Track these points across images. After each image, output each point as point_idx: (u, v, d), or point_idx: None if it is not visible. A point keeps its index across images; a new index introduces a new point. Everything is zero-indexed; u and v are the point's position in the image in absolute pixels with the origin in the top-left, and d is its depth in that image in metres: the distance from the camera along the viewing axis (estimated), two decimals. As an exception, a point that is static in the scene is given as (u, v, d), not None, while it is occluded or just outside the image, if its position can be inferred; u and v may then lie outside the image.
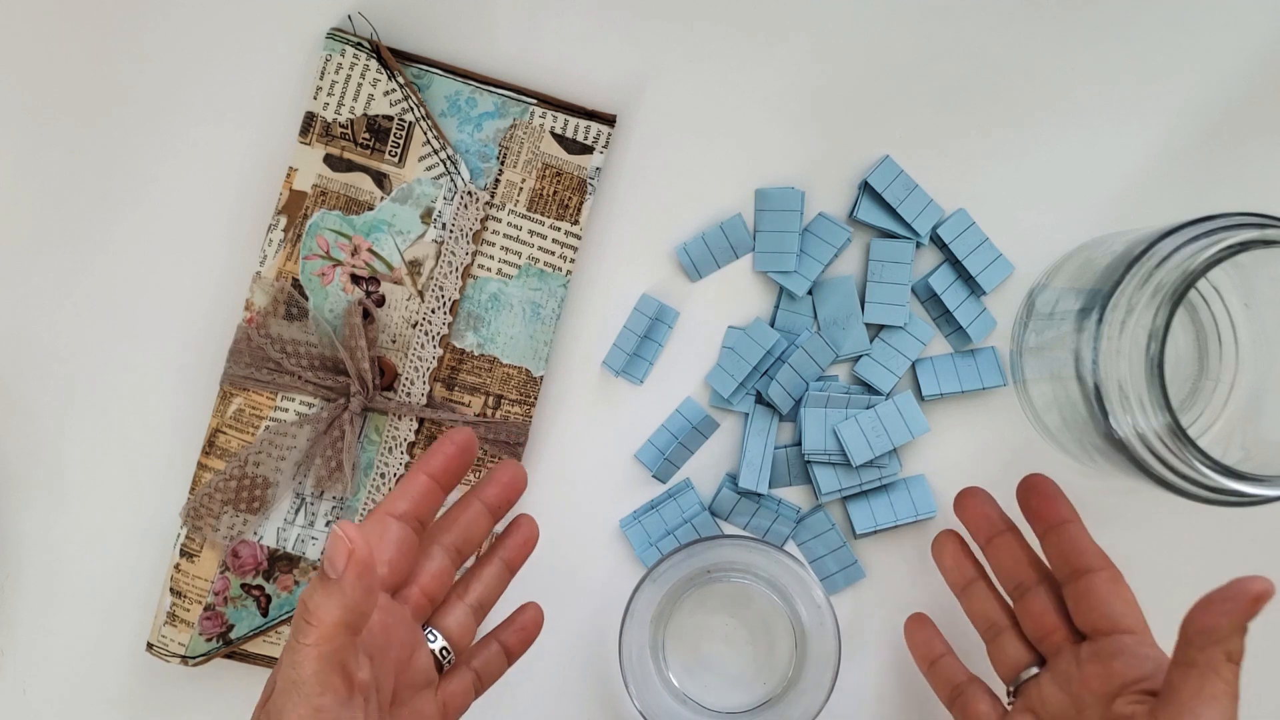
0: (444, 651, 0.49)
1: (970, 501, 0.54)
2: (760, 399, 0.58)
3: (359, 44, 0.56)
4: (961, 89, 0.58)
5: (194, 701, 0.59)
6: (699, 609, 0.58)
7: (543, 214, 0.57)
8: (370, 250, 0.56)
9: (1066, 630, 0.51)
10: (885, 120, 0.58)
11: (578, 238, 0.57)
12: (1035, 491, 0.53)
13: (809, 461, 0.57)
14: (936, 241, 0.58)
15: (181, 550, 0.56)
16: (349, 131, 0.56)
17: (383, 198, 0.56)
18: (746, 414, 0.58)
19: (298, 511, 0.57)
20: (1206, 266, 0.46)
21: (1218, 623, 0.44)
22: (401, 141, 0.56)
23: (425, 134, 0.56)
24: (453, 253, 0.57)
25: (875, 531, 0.58)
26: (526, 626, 0.53)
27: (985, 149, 0.58)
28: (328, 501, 0.57)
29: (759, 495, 0.58)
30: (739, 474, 0.57)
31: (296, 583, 0.57)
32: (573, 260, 0.57)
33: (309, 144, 0.56)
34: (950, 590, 0.55)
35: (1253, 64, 0.58)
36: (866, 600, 0.59)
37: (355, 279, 0.57)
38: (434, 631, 0.50)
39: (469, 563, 0.52)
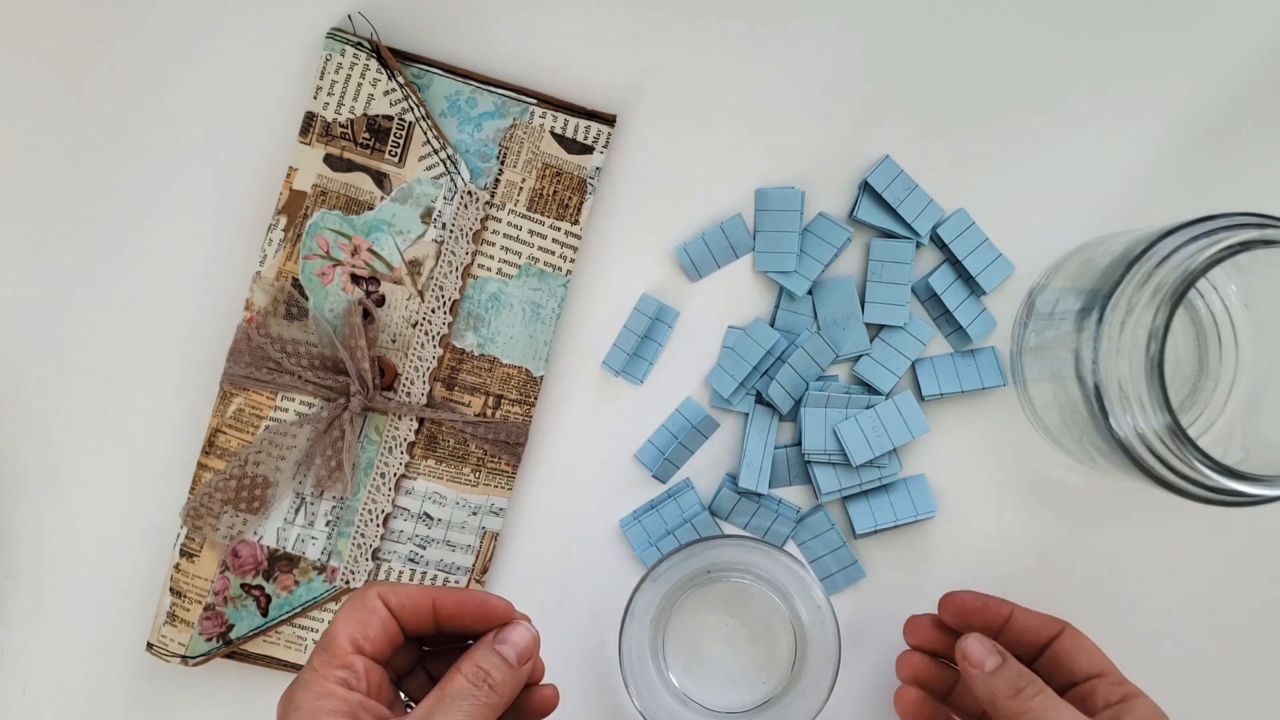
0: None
1: (949, 602, 0.55)
2: (760, 399, 0.58)
3: (359, 44, 0.56)
4: (961, 89, 0.58)
5: (194, 701, 0.59)
6: (699, 609, 0.58)
7: (543, 214, 0.57)
8: (370, 250, 0.56)
9: None
10: (885, 120, 0.58)
11: (578, 237, 0.57)
12: (968, 608, 0.54)
13: (809, 461, 0.57)
14: (936, 241, 0.58)
15: (181, 550, 0.56)
16: (349, 131, 0.56)
17: (383, 197, 0.56)
18: (746, 414, 0.58)
19: (298, 511, 0.57)
20: (1206, 266, 0.46)
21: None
22: (401, 141, 0.56)
23: (425, 134, 0.56)
24: (453, 252, 0.57)
25: (875, 531, 0.58)
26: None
27: (985, 149, 0.58)
28: (328, 501, 0.57)
29: (759, 495, 0.58)
30: (739, 474, 0.57)
31: (296, 582, 0.57)
32: (573, 260, 0.57)
33: (309, 144, 0.56)
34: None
35: (1253, 64, 0.58)
36: (866, 600, 0.59)
37: (355, 279, 0.57)
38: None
39: None
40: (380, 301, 0.57)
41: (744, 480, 0.57)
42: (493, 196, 0.57)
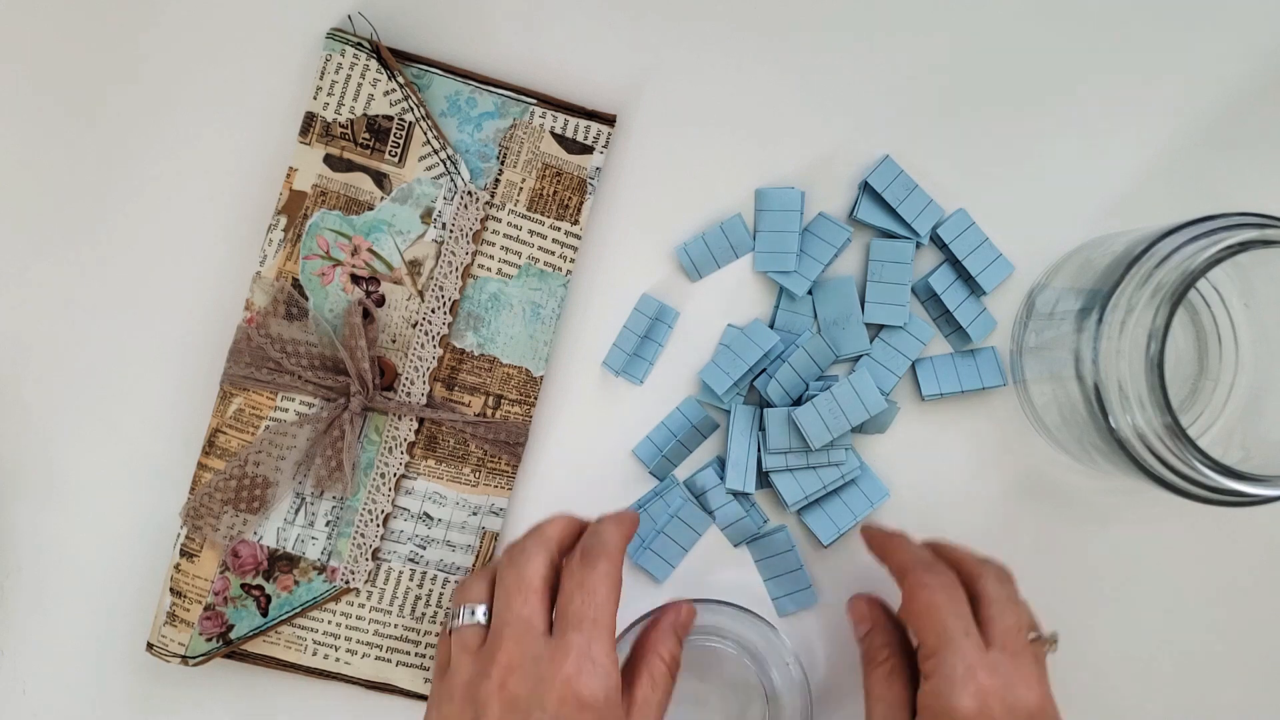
0: None
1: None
2: (747, 398, 0.58)
3: (359, 44, 0.56)
4: (962, 89, 0.58)
5: (194, 701, 0.59)
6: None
7: (543, 214, 0.57)
8: (370, 250, 0.56)
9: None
10: (885, 120, 0.58)
11: (578, 238, 0.57)
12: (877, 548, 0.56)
13: (768, 472, 0.57)
14: (936, 241, 0.58)
15: (181, 550, 0.56)
16: (349, 131, 0.56)
17: (383, 198, 0.56)
18: (728, 412, 0.58)
19: (298, 511, 0.57)
20: (1206, 266, 0.46)
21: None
22: (401, 141, 0.56)
23: (425, 134, 0.56)
24: (453, 253, 0.57)
25: (841, 536, 0.58)
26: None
27: (985, 149, 0.58)
28: (328, 501, 0.57)
29: (749, 495, 0.58)
30: (725, 474, 0.57)
31: (296, 583, 0.57)
32: (573, 260, 0.57)
33: (309, 144, 0.56)
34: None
35: (1253, 64, 0.58)
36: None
37: (355, 279, 0.57)
38: None
39: None
40: (380, 301, 0.57)
41: (730, 481, 0.57)
42: (493, 196, 0.57)
